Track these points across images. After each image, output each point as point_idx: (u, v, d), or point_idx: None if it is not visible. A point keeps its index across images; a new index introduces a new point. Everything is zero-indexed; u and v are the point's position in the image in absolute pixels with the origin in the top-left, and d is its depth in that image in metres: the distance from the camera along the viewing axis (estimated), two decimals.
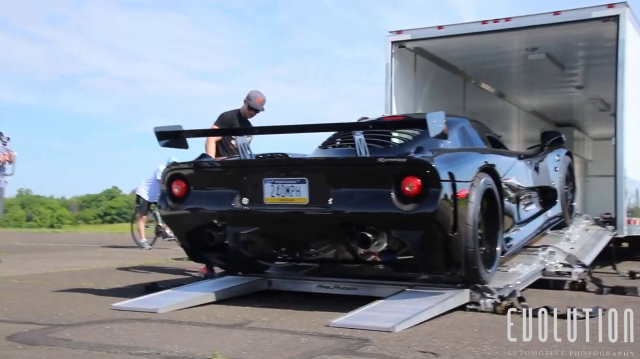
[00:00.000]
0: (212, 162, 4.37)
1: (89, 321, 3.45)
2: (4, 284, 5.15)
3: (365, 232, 3.69)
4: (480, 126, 5.38)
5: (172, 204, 4.29)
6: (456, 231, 3.65)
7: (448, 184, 3.59)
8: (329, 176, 3.79)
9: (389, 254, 3.92)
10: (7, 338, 2.99)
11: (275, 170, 3.97)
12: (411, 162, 3.61)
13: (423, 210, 3.53)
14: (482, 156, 4.34)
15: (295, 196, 3.84)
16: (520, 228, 4.97)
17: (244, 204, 4.00)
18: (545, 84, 10.53)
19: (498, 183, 4.26)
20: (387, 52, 7.70)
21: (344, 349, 2.83)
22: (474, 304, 3.91)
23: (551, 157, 6.18)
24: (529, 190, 5.40)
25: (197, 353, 2.69)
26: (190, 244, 4.44)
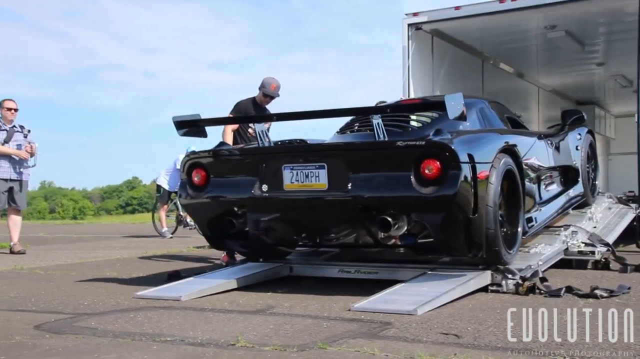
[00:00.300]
0: (231, 150, 4.38)
1: (113, 310, 3.50)
2: (30, 275, 5.25)
3: (386, 216, 3.68)
4: (500, 106, 5.31)
5: (193, 192, 4.31)
6: (476, 213, 3.62)
7: (468, 166, 3.56)
8: (347, 160, 3.78)
9: (410, 237, 3.92)
10: (34, 327, 3.04)
11: (294, 156, 3.97)
12: (430, 144, 3.58)
13: (443, 192, 3.50)
14: (501, 136, 4.30)
15: (314, 181, 3.85)
16: (541, 208, 4.92)
17: (263, 191, 4.01)
18: (565, 62, 10.37)
19: (518, 164, 4.22)
20: (403, 35, 7.64)
21: (366, 332, 2.83)
22: (496, 286, 3.89)
23: (572, 136, 6.10)
24: (550, 170, 5.34)
25: (220, 339, 2.72)
26: (212, 232, 4.46)
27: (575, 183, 5.88)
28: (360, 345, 2.57)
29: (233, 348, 2.58)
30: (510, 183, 4.12)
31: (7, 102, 7.31)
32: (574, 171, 5.92)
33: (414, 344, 2.61)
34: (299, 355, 2.45)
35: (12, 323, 3.16)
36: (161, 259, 6.58)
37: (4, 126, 7.20)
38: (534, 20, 8.09)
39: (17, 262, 6.23)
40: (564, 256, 4.97)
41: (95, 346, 2.65)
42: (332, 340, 2.68)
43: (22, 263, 6.12)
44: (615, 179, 12.87)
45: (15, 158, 7.16)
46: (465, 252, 3.85)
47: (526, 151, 4.60)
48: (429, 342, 2.65)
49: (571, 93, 12.91)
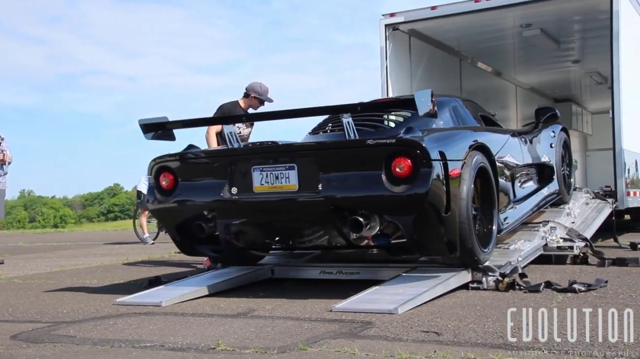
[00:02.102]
0: (199, 153, 4.24)
1: (93, 317, 3.46)
2: (7, 285, 5.17)
3: (357, 217, 3.63)
4: (473, 105, 5.30)
5: (160, 197, 4.19)
6: (449, 211, 3.58)
7: (439, 164, 3.53)
8: (317, 161, 3.71)
9: (383, 238, 3.88)
10: (11, 337, 3.00)
11: (264, 157, 3.88)
12: (400, 142, 3.53)
13: (415, 191, 3.46)
14: (473, 134, 4.28)
15: (284, 183, 3.78)
16: (516, 206, 4.90)
17: (233, 193, 3.92)
18: (542, 60, 10.49)
19: (491, 161, 4.19)
20: (381, 36, 7.67)
21: (347, 333, 2.84)
22: (476, 283, 3.92)
23: (546, 133, 6.09)
24: (525, 167, 5.33)
25: (200, 343, 2.70)
26: (181, 237, 4.34)
27: (550, 181, 5.87)
28: (341, 345, 2.57)
29: (213, 351, 2.57)
30: (484, 181, 4.10)
31: None
32: (549, 168, 5.91)
33: (395, 343, 2.62)
34: (279, 357, 2.45)
35: None
36: (142, 266, 6.52)
37: None
38: (510, 19, 8.17)
39: None
40: (543, 251, 5.03)
41: (73, 354, 2.62)
42: (313, 341, 2.68)
43: (0, 273, 6.03)
44: (593, 174, 13.05)
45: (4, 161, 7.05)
46: (439, 252, 3.81)
47: (499, 148, 4.57)
48: (410, 340, 2.66)
49: (548, 91, 13.06)
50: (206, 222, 4.11)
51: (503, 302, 3.45)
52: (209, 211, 4.10)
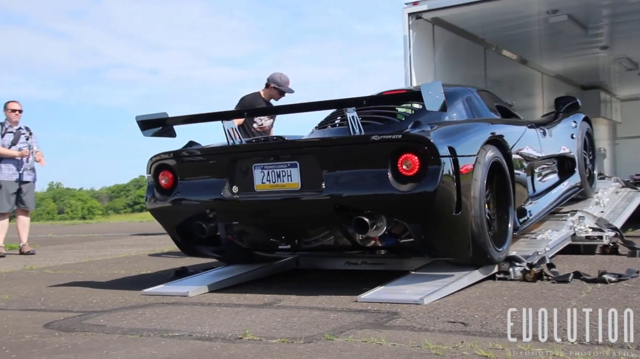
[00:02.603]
0: (198, 150, 4.03)
1: (122, 307, 3.52)
2: (39, 275, 5.28)
3: (362, 216, 3.44)
4: (489, 95, 5.05)
5: (159, 196, 4.05)
6: (460, 210, 3.40)
7: (449, 160, 3.34)
8: (320, 158, 3.54)
9: (391, 238, 3.66)
10: (44, 325, 3.07)
11: (265, 154, 3.73)
12: (407, 138, 3.34)
13: (422, 189, 3.27)
14: (488, 127, 4.07)
15: (286, 181, 3.63)
16: (534, 202, 4.64)
17: (233, 192, 3.78)
18: (569, 47, 10.30)
19: (507, 155, 3.99)
20: (404, 25, 7.60)
21: (373, 323, 2.84)
22: (503, 273, 3.88)
23: (567, 124, 5.79)
24: (543, 160, 5.06)
25: (227, 333, 2.73)
26: (181, 237, 4.19)
27: (571, 174, 5.62)
28: (367, 335, 2.57)
29: (240, 341, 2.59)
30: (499, 176, 3.91)
31: (11, 103, 7.34)
32: (570, 161, 5.65)
33: (421, 333, 2.61)
34: (306, 347, 2.46)
35: (23, 322, 3.19)
36: (168, 256, 6.60)
37: (10, 128, 7.23)
38: (536, 5, 8.04)
39: (27, 262, 6.28)
40: (572, 241, 4.96)
41: (104, 343, 2.67)
42: (339, 331, 2.68)
43: (31, 263, 6.16)
44: (622, 162, 12.83)
45: (22, 159, 7.19)
46: (450, 253, 3.64)
47: (515, 141, 4.33)
48: (436, 331, 2.65)
49: (575, 78, 12.84)
50: (207, 222, 3.96)
51: (530, 293, 3.41)
52: (209, 211, 3.95)
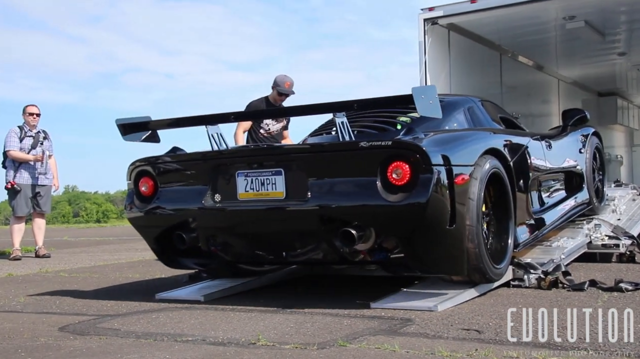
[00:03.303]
0: (179, 156, 3.85)
1: (136, 311, 3.54)
2: (54, 278, 5.33)
3: (349, 228, 3.21)
4: (493, 106, 4.86)
5: (139, 203, 3.87)
6: (455, 224, 3.19)
7: (443, 169, 3.15)
8: (306, 165, 3.36)
9: (381, 252, 3.40)
10: (59, 328, 3.09)
11: (248, 161, 3.54)
12: (397, 145, 3.16)
13: (413, 200, 3.07)
14: (487, 136, 3.91)
15: (270, 189, 3.45)
16: (538, 217, 4.36)
17: (216, 201, 3.60)
18: (586, 53, 10.23)
19: (507, 167, 3.78)
20: (419, 31, 7.59)
21: (386, 329, 2.83)
22: (518, 281, 3.85)
23: (574, 137, 5.52)
24: (549, 175, 4.82)
25: (241, 338, 2.73)
26: (161, 248, 3.96)
27: (579, 190, 5.35)
28: (381, 342, 2.56)
29: (254, 346, 2.59)
30: (499, 189, 3.70)
31: (29, 107, 7.43)
32: (578, 176, 5.38)
33: (435, 340, 2.60)
34: (319, 353, 2.45)
35: (38, 324, 3.21)
36: None
37: (29, 132, 7.31)
38: (552, 11, 7.99)
39: (43, 265, 6.34)
40: (588, 249, 4.91)
41: (118, 346, 2.68)
42: (353, 337, 2.67)
43: (47, 266, 6.22)
44: (639, 170, 12.68)
45: (35, 164, 7.25)
46: (443, 269, 3.44)
47: (517, 153, 4.10)
48: (450, 338, 2.63)
49: (592, 84, 12.74)
50: (187, 232, 3.74)
51: (545, 300, 3.38)
52: (190, 220, 3.74)
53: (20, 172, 7.20)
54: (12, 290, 4.57)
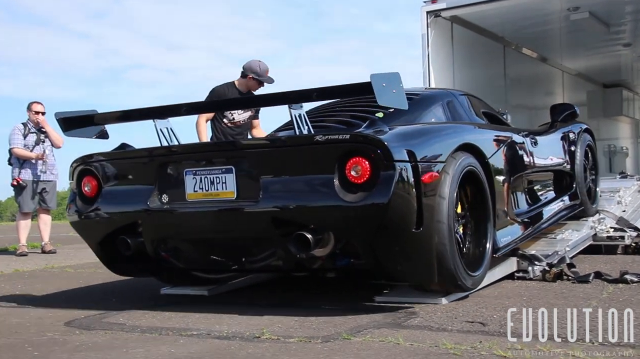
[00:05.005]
0: (123, 153, 3.59)
1: (141, 306, 3.55)
2: (60, 273, 5.35)
3: (303, 232, 2.92)
4: (476, 100, 4.55)
5: (81, 205, 3.55)
6: (422, 227, 2.90)
7: (407, 166, 2.86)
8: (258, 162, 3.09)
9: (343, 258, 3.12)
10: (65, 323, 3.11)
11: (196, 158, 3.28)
12: (355, 139, 2.88)
13: (372, 200, 2.80)
14: (462, 131, 3.62)
15: (221, 189, 3.17)
16: (522, 220, 4.07)
17: (163, 202, 3.32)
18: (590, 44, 10.18)
19: (485, 164, 3.48)
20: (422, 23, 7.56)
21: (390, 322, 2.83)
22: (522, 272, 3.85)
23: (564, 134, 5.22)
24: (534, 174, 4.53)
25: (245, 332, 2.74)
26: (105, 254, 3.66)
27: (569, 190, 5.08)
28: (385, 335, 2.57)
29: (258, 340, 2.60)
30: (475, 189, 3.42)
31: (34, 105, 7.43)
32: (568, 175, 5.11)
33: (439, 333, 2.60)
34: (323, 346, 2.46)
35: (44, 319, 3.23)
36: None
37: (32, 129, 7.33)
38: (557, 3, 7.96)
39: (49, 261, 6.37)
40: (593, 241, 4.91)
41: (123, 341, 2.70)
42: (357, 331, 2.68)
43: (53, 262, 6.25)
44: None
45: (39, 161, 7.27)
46: (410, 277, 3.19)
47: (496, 149, 3.78)
48: (454, 330, 2.64)
49: (597, 76, 12.68)
50: (133, 237, 3.43)
51: (550, 293, 3.38)
52: (134, 224, 3.44)
53: (25, 169, 7.22)
54: (18, 286, 4.60)
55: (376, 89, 2.79)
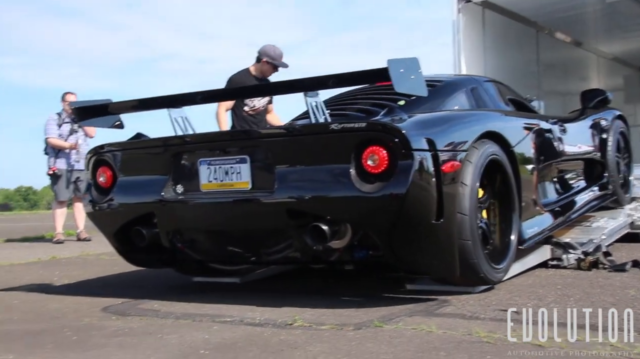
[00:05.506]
0: (138, 143, 3.55)
1: (175, 293, 3.61)
2: (96, 261, 5.47)
3: (319, 223, 2.86)
4: (502, 87, 4.44)
5: (97, 196, 3.54)
6: (442, 218, 2.82)
7: (427, 155, 2.78)
8: (273, 151, 3.02)
9: (361, 250, 3.08)
10: (102, 309, 3.18)
11: (211, 147, 3.22)
12: (372, 127, 2.80)
13: (390, 191, 2.72)
14: (486, 118, 3.50)
15: (235, 179, 3.12)
16: (549, 210, 3.96)
17: (177, 192, 3.29)
18: (627, 27, 9.89)
19: (510, 153, 3.37)
20: (453, 9, 7.45)
21: (422, 310, 2.82)
22: (556, 261, 3.80)
23: (595, 121, 5.07)
24: (563, 162, 4.40)
25: (277, 319, 2.77)
26: (121, 245, 3.64)
27: (601, 179, 4.94)
28: (417, 323, 2.56)
29: (291, 327, 2.62)
30: (499, 179, 3.32)
31: (68, 95, 7.57)
32: (599, 164, 4.96)
33: (472, 321, 2.58)
34: (355, 333, 2.47)
35: (82, 305, 3.31)
36: None
37: (67, 119, 7.47)
38: None
39: (84, 249, 6.51)
40: (630, 229, 4.81)
41: (158, 327, 2.74)
42: (389, 318, 2.68)
43: (88, 250, 6.38)
44: None
45: (73, 151, 7.40)
46: (429, 269, 3.11)
47: (523, 137, 3.68)
48: (487, 319, 2.62)
49: (634, 60, 12.32)
50: (147, 227, 3.39)
51: (586, 281, 3.33)
52: (149, 214, 3.39)
53: (60, 158, 7.38)
54: (56, 272, 4.71)
55: (393, 75, 2.71)
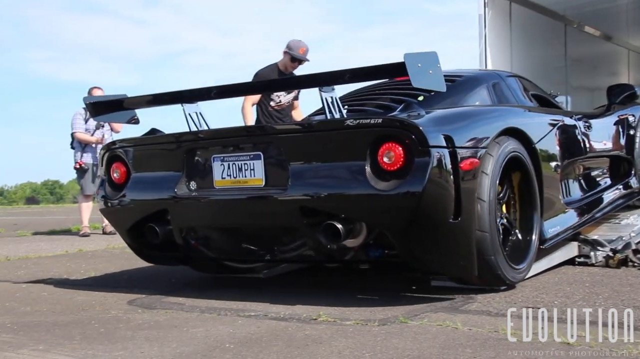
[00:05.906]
0: (152, 139, 3.51)
1: (199, 287, 3.64)
2: (121, 254, 5.53)
3: (333, 222, 2.80)
4: (524, 82, 4.31)
5: (111, 192, 3.53)
6: (460, 216, 2.75)
7: (445, 152, 2.71)
8: (287, 148, 2.95)
9: (376, 249, 3.01)
10: (128, 302, 3.22)
11: (224, 143, 3.17)
12: (388, 123, 2.73)
13: (406, 188, 2.66)
14: (506, 114, 3.40)
15: (249, 176, 3.07)
16: (571, 210, 3.84)
17: (191, 189, 3.25)
18: None
19: (532, 150, 3.28)
20: (479, 3, 7.39)
21: (447, 307, 2.80)
22: (584, 258, 3.74)
23: (622, 117, 4.92)
24: (588, 160, 4.30)
25: (302, 314, 2.77)
26: (135, 242, 3.61)
27: (627, 177, 4.81)
28: (442, 319, 2.54)
29: (315, 322, 2.62)
30: (521, 176, 3.24)
31: (94, 90, 7.65)
32: (626, 161, 4.82)
33: (498, 318, 2.56)
34: (380, 329, 2.46)
35: (108, 298, 3.36)
36: None
37: None
38: None
39: (110, 242, 6.59)
40: None
41: (183, 320, 2.77)
42: (414, 314, 2.67)
43: (114, 243, 6.45)
44: None
45: (99, 146, 7.49)
46: (447, 269, 3.02)
47: (545, 133, 3.57)
48: (514, 316, 2.57)
49: None
50: (161, 224, 3.35)
51: (615, 279, 3.27)
52: (162, 211, 3.35)
53: (86, 152, 7.48)
54: (82, 265, 4.78)
55: (410, 70, 2.64)
